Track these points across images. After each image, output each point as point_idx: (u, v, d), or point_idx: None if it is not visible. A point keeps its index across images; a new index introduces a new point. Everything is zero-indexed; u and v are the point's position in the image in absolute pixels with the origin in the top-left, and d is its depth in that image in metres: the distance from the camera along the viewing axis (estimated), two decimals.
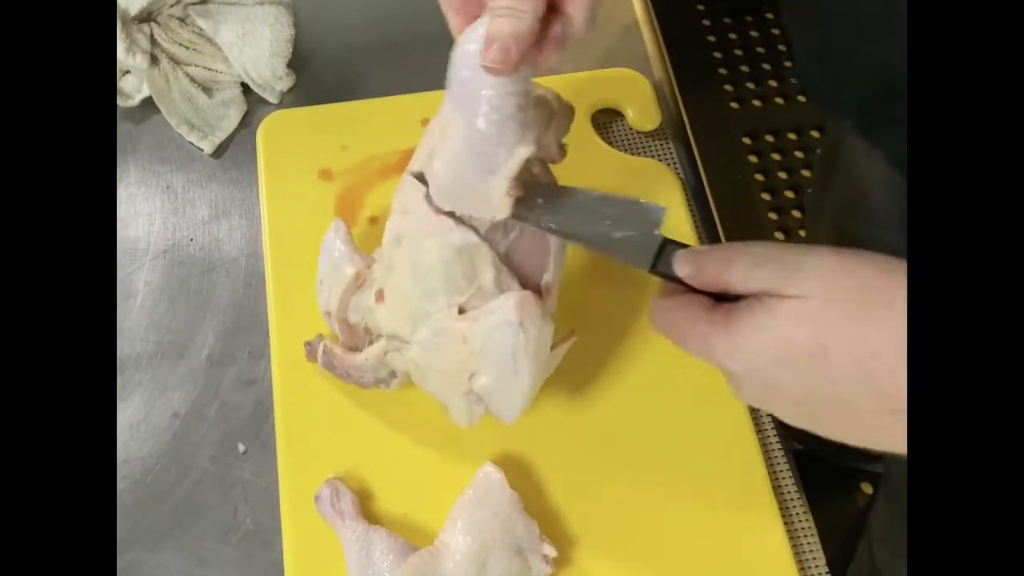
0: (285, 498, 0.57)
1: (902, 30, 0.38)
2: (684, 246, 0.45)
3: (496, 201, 0.48)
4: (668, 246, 0.45)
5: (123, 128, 0.72)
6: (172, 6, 0.74)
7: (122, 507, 0.58)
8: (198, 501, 0.58)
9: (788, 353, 0.39)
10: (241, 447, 0.60)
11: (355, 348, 0.57)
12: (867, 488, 1.30)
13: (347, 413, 0.59)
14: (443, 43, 0.48)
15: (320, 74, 0.75)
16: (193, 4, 0.74)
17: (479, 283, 0.51)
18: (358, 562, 0.53)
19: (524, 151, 0.47)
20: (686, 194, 0.69)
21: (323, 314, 0.59)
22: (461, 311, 0.51)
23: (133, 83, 0.72)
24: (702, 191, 0.72)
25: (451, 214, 0.50)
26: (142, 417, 0.61)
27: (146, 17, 0.73)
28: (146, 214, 0.68)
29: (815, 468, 0.73)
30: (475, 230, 0.50)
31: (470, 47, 0.45)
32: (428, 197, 0.50)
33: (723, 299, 0.43)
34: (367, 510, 0.56)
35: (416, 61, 0.74)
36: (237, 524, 0.58)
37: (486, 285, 0.51)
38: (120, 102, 0.72)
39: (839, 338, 0.38)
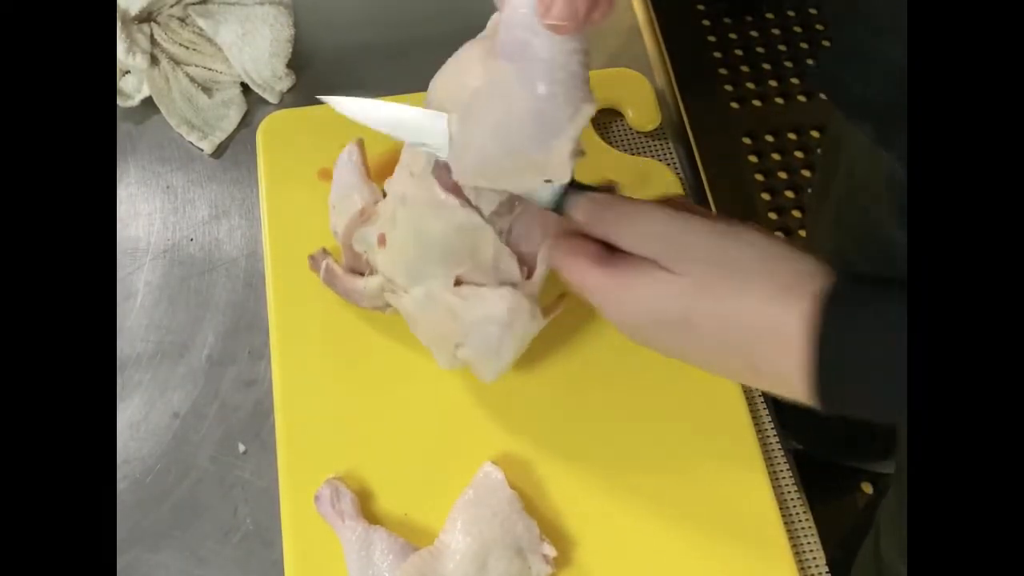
0: (285, 498, 0.57)
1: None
2: (588, 189, 0.47)
3: (558, 164, 0.46)
4: (573, 186, 0.47)
5: (123, 128, 0.72)
6: (172, 6, 0.74)
7: (122, 507, 0.58)
8: (198, 501, 0.58)
9: (662, 318, 0.45)
10: (241, 447, 0.60)
11: (357, 270, 0.59)
12: (867, 488, 1.30)
13: (347, 413, 0.59)
14: (444, 43, 0.48)
15: (320, 74, 0.75)
16: (193, 4, 0.74)
17: (478, 260, 0.51)
18: (358, 562, 0.53)
19: (590, 108, 0.45)
20: (686, 194, 0.69)
21: (332, 232, 0.60)
22: (458, 282, 0.52)
23: (133, 83, 0.72)
24: (702, 191, 0.72)
25: (458, 192, 0.49)
26: (142, 417, 0.61)
27: (146, 17, 0.73)
28: (146, 214, 0.68)
29: (815, 468, 0.73)
30: (479, 211, 0.50)
31: (524, 8, 0.43)
32: (437, 173, 0.49)
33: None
34: (367, 510, 0.56)
35: (416, 61, 0.73)
36: (237, 524, 0.58)
37: (484, 263, 0.51)
38: (120, 102, 0.72)
39: (705, 315, 0.43)
